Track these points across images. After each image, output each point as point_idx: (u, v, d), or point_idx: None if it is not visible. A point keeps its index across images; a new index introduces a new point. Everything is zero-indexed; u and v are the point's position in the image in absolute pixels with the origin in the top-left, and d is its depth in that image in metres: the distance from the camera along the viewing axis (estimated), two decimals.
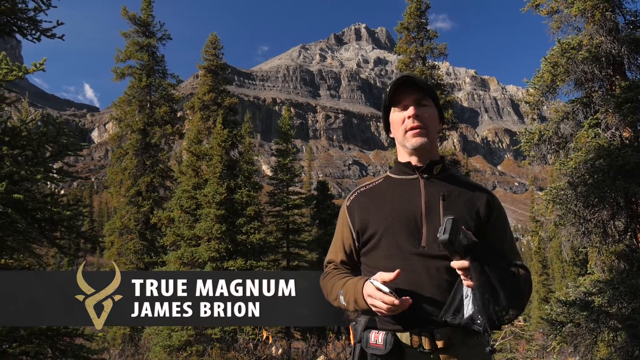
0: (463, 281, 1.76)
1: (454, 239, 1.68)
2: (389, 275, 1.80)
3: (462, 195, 2.02)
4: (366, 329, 1.93)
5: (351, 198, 2.17)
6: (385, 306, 1.78)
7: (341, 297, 2.00)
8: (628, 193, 6.88)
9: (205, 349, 14.07)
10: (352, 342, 2.01)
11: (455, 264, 1.73)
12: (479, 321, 1.73)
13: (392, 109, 2.09)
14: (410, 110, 2.00)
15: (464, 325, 1.77)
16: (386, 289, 1.76)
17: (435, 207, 1.96)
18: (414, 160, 2.05)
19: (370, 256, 2.03)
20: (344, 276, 2.08)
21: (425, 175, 2.04)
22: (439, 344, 1.84)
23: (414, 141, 2.01)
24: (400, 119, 2.04)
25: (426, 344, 1.84)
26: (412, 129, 2.00)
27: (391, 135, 2.16)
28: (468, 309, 1.76)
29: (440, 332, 1.84)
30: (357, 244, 2.10)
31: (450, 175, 2.10)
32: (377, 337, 1.88)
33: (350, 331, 2.03)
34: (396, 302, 1.75)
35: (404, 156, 2.11)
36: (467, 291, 1.77)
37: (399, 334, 1.87)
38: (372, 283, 1.81)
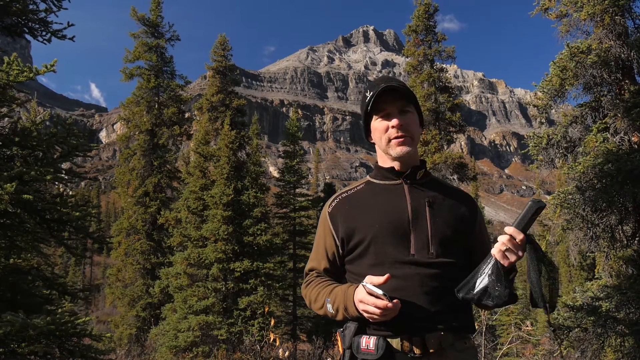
0: (499, 259, 1.75)
1: (537, 215, 1.72)
2: (378, 279, 1.77)
3: (447, 200, 2.03)
4: (356, 335, 1.90)
5: (333, 204, 2.13)
6: (378, 311, 1.74)
7: (328, 305, 1.97)
8: (636, 198, 6.86)
9: (212, 350, 14.11)
10: (340, 348, 1.98)
11: (514, 230, 1.72)
12: (497, 293, 1.73)
13: (374, 116, 2.06)
14: (394, 121, 1.98)
15: (476, 300, 1.77)
16: (379, 292, 1.73)
17: (422, 214, 1.95)
18: (397, 166, 2.05)
19: (356, 264, 2.00)
20: (330, 284, 2.05)
21: (408, 181, 2.03)
22: (430, 348, 1.83)
23: (398, 150, 2.00)
24: (383, 127, 2.02)
25: (417, 349, 1.83)
26: (396, 138, 2.00)
27: (371, 141, 2.15)
28: (482, 283, 1.75)
29: (432, 337, 1.83)
30: (341, 251, 2.07)
31: (432, 180, 2.11)
32: (368, 343, 1.85)
33: (338, 337, 2.00)
34: (389, 305, 1.72)
35: (386, 161, 2.09)
36: (487, 269, 1.76)
37: (389, 340, 1.86)
38: (364, 287, 1.78)
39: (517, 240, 1.71)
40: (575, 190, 7.44)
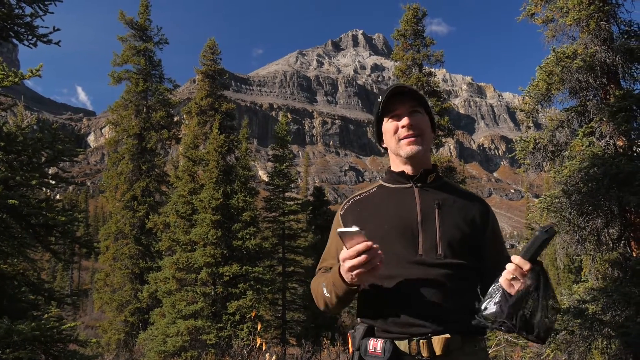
0: (506, 287, 1.72)
1: (548, 242, 1.69)
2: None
3: (457, 203, 2.03)
4: (364, 337, 1.90)
5: (345, 207, 2.17)
6: (363, 257, 1.66)
7: (324, 290, 1.95)
8: (622, 201, 6.91)
9: (200, 355, 14.04)
10: (350, 350, 1.97)
11: (520, 260, 1.69)
12: (502, 319, 1.71)
13: (385, 118, 2.09)
14: (404, 120, 1.99)
15: (475, 323, 1.76)
16: (355, 228, 1.65)
17: (431, 215, 1.96)
18: (407, 170, 2.06)
19: None
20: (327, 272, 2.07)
21: (419, 184, 2.04)
22: (437, 351, 1.82)
23: (408, 149, 2.01)
24: (393, 127, 2.04)
25: (424, 352, 1.82)
26: (406, 137, 2.00)
27: (384, 146, 2.16)
28: (490, 309, 1.74)
29: (439, 340, 1.82)
30: None
31: (445, 183, 2.12)
32: (375, 345, 1.85)
33: (349, 339, 1.99)
34: (369, 243, 1.66)
35: (397, 165, 2.11)
36: (496, 295, 1.75)
37: (397, 342, 1.85)
38: (340, 232, 1.68)
39: (523, 269, 1.69)
40: (562, 194, 7.49)
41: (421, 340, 1.82)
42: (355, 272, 1.72)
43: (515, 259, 1.71)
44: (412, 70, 18.23)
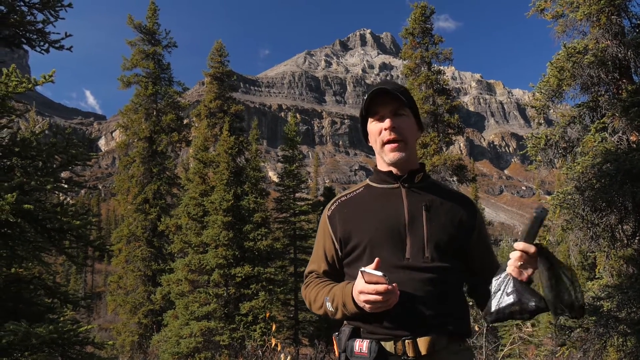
0: (516, 275, 1.75)
1: (543, 219, 1.70)
2: (370, 266, 1.76)
3: (444, 204, 2.02)
4: (350, 338, 1.91)
5: (332, 208, 2.14)
6: (380, 297, 1.72)
7: (328, 304, 1.97)
8: (636, 197, 6.86)
9: (214, 356, 14.10)
10: (336, 352, 1.99)
11: (525, 245, 1.71)
12: (532, 304, 1.73)
13: (369, 119, 2.07)
14: (387, 123, 1.98)
15: (504, 318, 1.78)
16: (379, 273, 1.70)
17: (418, 218, 1.96)
18: (394, 170, 2.05)
19: (353, 267, 2.00)
20: (329, 283, 2.07)
21: (406, 185, 2.03)
22: (422, 351, 1.83)
23: (391, 155, 2.00)
24: (377, 130, 2.02)
25: (410, 352, 1.83)
26: (389, 142, 1.99)
27: (369, 144, 2.15)
28: (505, 301, 1.76)
29: (424, 340, 1.84)
30: (339, 254, 2.08)
31: (432, 183, 2.10)
32: (361, 346, 1.86)
33: (334, 341, 2.01)
34: (390, 287, 1.71)
35: (383, 165, 2.09)
36: (506, 287, 1.77)
37: (382, 343, 1.86)
38: (363, 272, 1.74)
39: (530, 252, 1.71)
40: (575, 190, 7.45)
41: (407, 341, 1.84)
42: (369, 306, 1.78)
43: (519, 245, 1.73)
44: (420, 69, 18.22)
